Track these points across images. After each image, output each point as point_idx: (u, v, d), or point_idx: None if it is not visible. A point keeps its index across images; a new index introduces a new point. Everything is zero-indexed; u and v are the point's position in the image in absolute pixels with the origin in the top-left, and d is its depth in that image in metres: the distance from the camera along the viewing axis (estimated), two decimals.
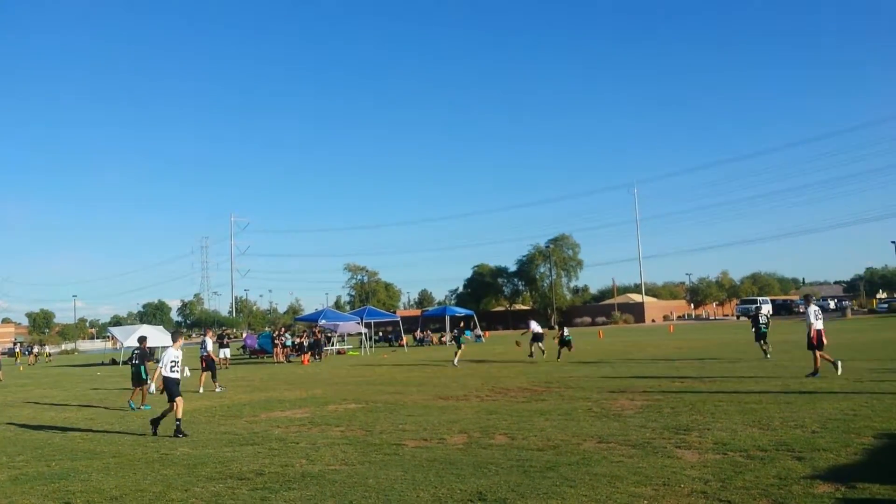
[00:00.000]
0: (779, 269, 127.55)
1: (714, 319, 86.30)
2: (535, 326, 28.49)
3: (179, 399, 11.67)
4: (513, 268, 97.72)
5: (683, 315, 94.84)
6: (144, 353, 17.15)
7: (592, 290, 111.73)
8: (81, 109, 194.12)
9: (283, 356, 35.68)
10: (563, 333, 27.09)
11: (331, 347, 40.72)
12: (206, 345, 20.83)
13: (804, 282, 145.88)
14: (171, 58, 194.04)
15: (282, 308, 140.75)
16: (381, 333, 59.29)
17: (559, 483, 7.03)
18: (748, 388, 14.08)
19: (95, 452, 10.35)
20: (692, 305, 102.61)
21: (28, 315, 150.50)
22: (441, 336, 52.48)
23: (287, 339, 38.25)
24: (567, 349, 26.66)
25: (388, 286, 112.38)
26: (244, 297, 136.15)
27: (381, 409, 13.68)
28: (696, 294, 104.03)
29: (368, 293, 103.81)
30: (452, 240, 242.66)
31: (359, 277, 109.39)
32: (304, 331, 43.68)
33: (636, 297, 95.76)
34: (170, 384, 11.74)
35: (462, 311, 54.60)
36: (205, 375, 20.01)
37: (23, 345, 77.15)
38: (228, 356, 33.35)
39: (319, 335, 36.92)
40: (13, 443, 11.77)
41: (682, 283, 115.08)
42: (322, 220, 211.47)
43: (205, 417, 13.84)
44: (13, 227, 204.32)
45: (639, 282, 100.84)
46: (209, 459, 9.26)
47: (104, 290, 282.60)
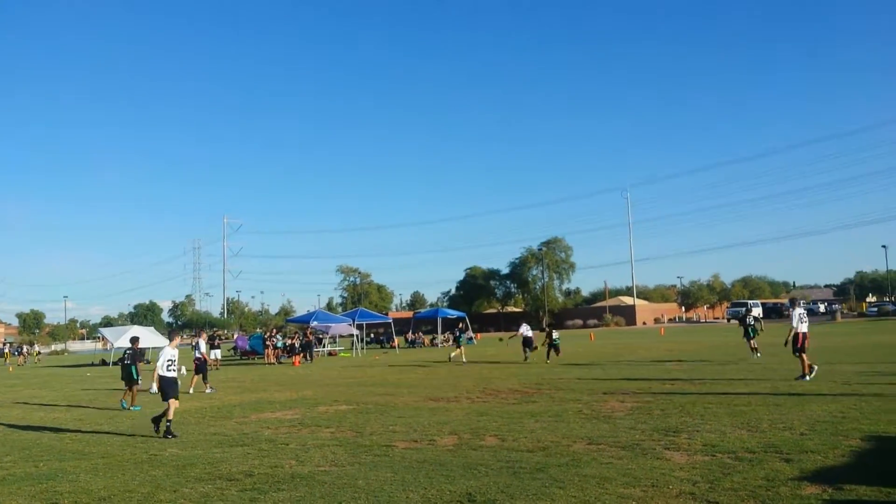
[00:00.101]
0: (769, 273, 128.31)
1: (705, 322, 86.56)
2: (526, 330, 28.42)
3: (173, 400, 11.63)
4: (505, 270, 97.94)
5: (674, 318, 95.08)
6: (136, 354, 17.11)
7: (584, 293, 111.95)
8: (77, 108, 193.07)
9: (275, 357, 35.61)
10: (553, 337, 26.98)
11: (322, 349, 40.67)
12: (200, 346, 20.78)
13: (795, 285, 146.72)
14: (171, 57, 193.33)
15: (273, 309, 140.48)
16: (373, 335, 59.24)
17: (549, 484, 7.05)
18: (737, 391, 14.14)
19: (84, 453, 10.31)
20: (683, 308, 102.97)
21: (18, 315, 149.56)
22: (433, 338, 52.47)
23: (278, 341, 38.18)
24: (554, 353, 26.58)
25: (381, 288, 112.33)
26: (236, 299, 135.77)
27: (372, 411, 13.68)
28: (687, 297, 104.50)
29: (361, 295, 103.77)
30: (445, 242, 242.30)
31: (351, 279, 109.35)
32: (296, 332, 43.61)
33: (627, 300, 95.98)
34: (165, 384, 11.71)
35: (454, 313, 54.57)
36: (196, 378, 19.96)
37: (12, 345, 76.76)
38: (219, 357, 33.26)
39: (311, 336, 36.85)
40: (1, 443, 11.70)
41: (674, 286, 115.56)
42: (315, 222, 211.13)
43: (195, 418, 13.80)
44: (6, 227, 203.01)
45: (630, 284, 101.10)
46: (198, 460, 9.23)
47: (95, 291, 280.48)
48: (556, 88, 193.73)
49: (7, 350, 61.83)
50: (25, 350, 65.36)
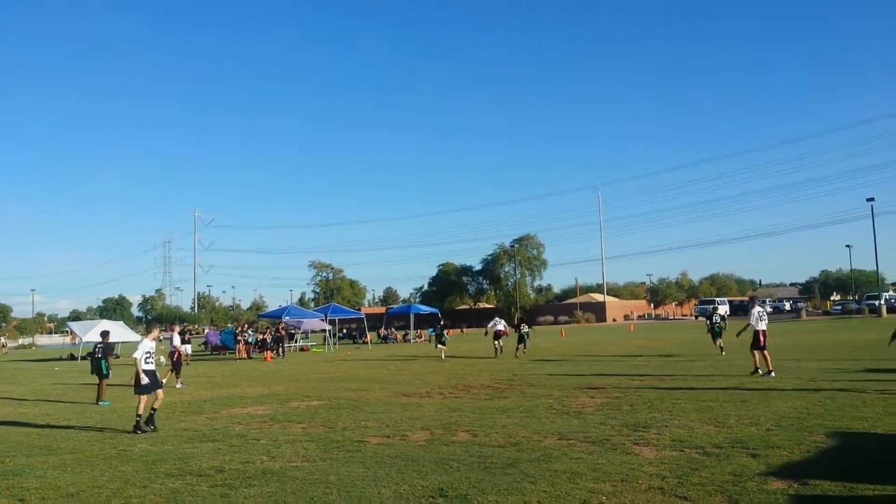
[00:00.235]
0: (737, 271, 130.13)
1: (673, 319, 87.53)
2: (497, 323, 28.38)
3: (145, 397, 11.51)
4: (478, 267, 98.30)
5: (643, 315, 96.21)
6: (107, 348, 16.94)
7: (556, 290, 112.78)
8: (67, 107, 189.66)
9: (246, 352, 35.34)
10: (521, 329, 27.18)
11: (294, 344, 40.44)
12: (174, 339, 20.58)
13: (761, 283, 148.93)
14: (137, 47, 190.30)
15: (245, 304, 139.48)
16: (346, 330, 59.06)
17: (520, 479, 7.11)
18: (704, 387, 14.34)
19: (52, 448, 10.17)
20: (652, 305, 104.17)
21: None
22: (405, 334, 52.46)
23: (250, 336, 37.88)
24: (522, 346, 26.69)
25: (353, 283, 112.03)
26: (207, 294, 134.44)
27: (344, 406, 13.66)
28: (656, 294, 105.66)
29: (333, 290, 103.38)
30: (418, 238, 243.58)
31: (323, 274, 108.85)
32: (267, 327, 43.32)
33: (598, 297, 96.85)
34: (138, 377, 11.57)
35: (427, 309, 54.62)
36: (170, 373, 19.75)
37: None
38: (190, 352, 32.91)
39: (283, 332, 36.62)
40: None
41: (643, 284, 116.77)
42: (287, 217, 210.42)
43: (165, 413, 13.64)
44: None
45: (601, 282, 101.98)
46: (168, 456, 9.16)
47: (63, 285, 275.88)
48: (545, 88, 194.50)
49: None
50: None
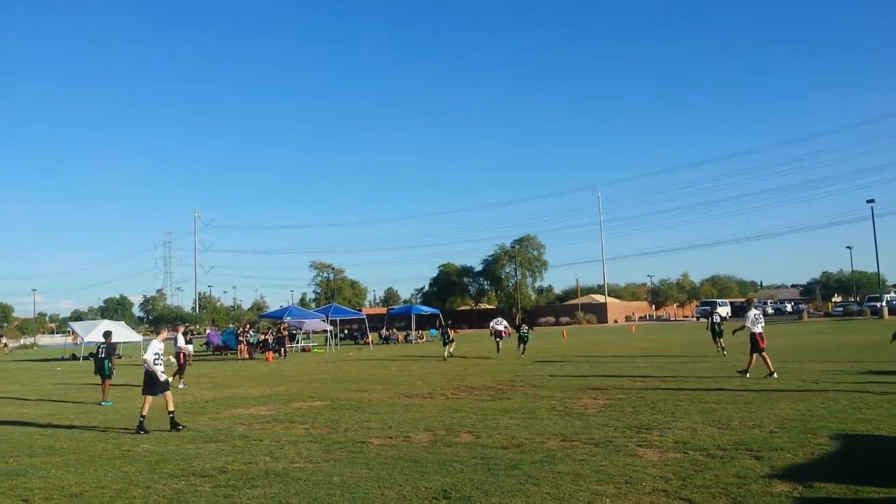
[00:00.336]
0: (738, 272, 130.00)
1: (674, 320, 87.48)
2: (497, 323, 28.83)
3: (151, 398, 11.54)
4: (478, 267, 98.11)
5: (645, 316, 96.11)
6: (110, 348, 16.97)
7: (557, 291, 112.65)
8: (67, 107, 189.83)
9: (248, 353, 35.34)
10: (522, 329, 27.76)
11: (295, 345, 40.45)
12: (178, 340, 20.57)
13: (762, 284, 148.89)
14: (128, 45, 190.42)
15: (246, 305, 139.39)
16: (347, 331, 59.07)
17: (523, 481, 7.10)
18: (708, 388, 14.32)
19: (55, 448, 10.18)
20: (653, 306, 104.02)
21: None
22: (407, 334, 52.46)
23: (251, 336, 37.89)
24: (523, 346, 27.16)
25: (354, 284, 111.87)
26: (208, 294, 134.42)
27: (346, 407, 13.65)
28: (658, 295, 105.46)
29: (334, 291, 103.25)
30: (419, 239, 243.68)
31: (324, 275, 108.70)
32: (269, 328, 43.33)
33: (599, 298, 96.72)
34: (151, 378, 11.59)
35: (428, 310, 54.62)
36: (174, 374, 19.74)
37: None
38: (192, 352, 32.92)
39: (285, 332, 36.62)
40: None
41: (644, 285, 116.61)
42: (287, 218, 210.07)
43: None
44: None
45: (602, 283, 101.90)
46: (171, 456, 9.16)
47: (64, 285, 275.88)
48: (545, 88, 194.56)
49: None
50: None
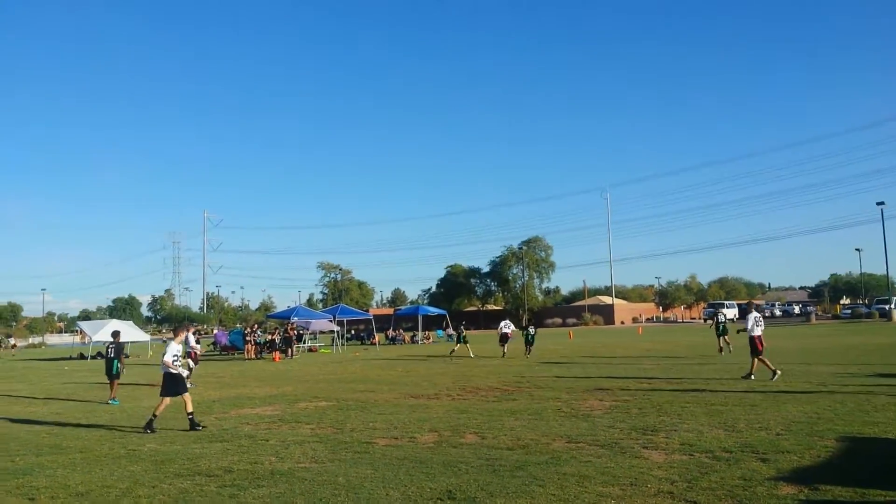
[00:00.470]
0: (745, 274, 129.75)
1: (682, 322, 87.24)
2: (505, 326, 29.39)
3: (169, 399, 11.59)
4: (486, 268, 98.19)
5: (652, 318, 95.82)
6: (119, 348, 17.04)
7: (563, 292, 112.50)
8: (68, 107, 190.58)
9: (255, 353, 35.42)
10: (529, 330, 28.57)
11: (302, 345, 40.52)
12: (189, 340, 20.64)
13: (770, 286, 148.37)
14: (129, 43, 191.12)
15: (253, 305, 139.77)
16: (354, 332, 59.11)
17: (528, 482, 7.09)
18: (713, 390, 14.28)
19: (61, 447, 10.22)
20: (660, 308, 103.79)
21: None
22: (413, 335, 52.48)
23: (259, 336, 37.96)
24: (529, 347, 27.83)
25: (362, 284, 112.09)
26: (215, 294, 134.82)
27: (352, 408, 13.67)
28: (665, 297, 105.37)
29: (341, 291, 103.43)
30: (426, 240, 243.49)
31: (332, 275, 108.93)
32: (276, 328, 43.42)
33: (606, 300, 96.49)
34: (171, 379, 11.64)
35: (435, 311, 54.63)
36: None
37: None
38: (199, 352, 32.99)
39: (292, 332, 36.68)
40: None
41: (651, 286, 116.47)
42: (296, 219, 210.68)
43: (172, 413, 13.66)
44: None
45: (609, 284, 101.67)
46: (177, 456, 9.19)
47: (73, 285, 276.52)
48: (545, 88, 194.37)
49: None
50: (2, 344, 64.47)
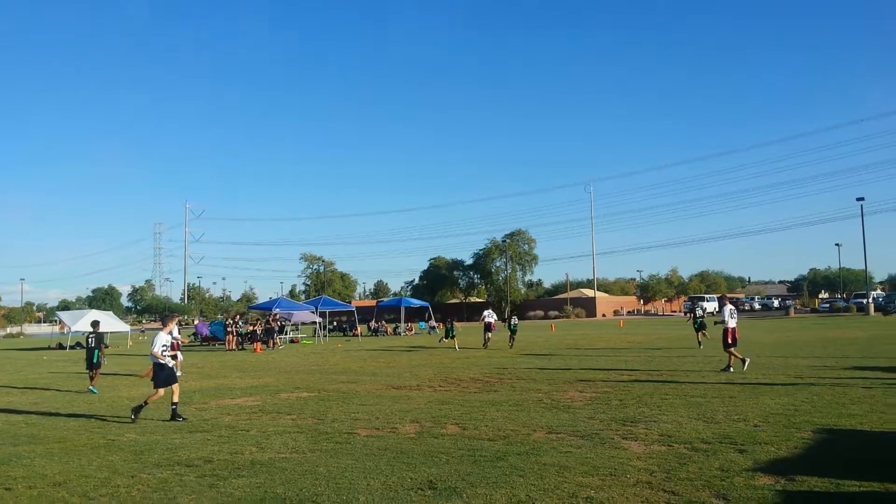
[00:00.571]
0: (726, 268, 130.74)
1: (662, 315, 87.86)
2: (488, 316, 30.44)
3: (163, 389, 11.50)
4: (469, 261, 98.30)
5: (633, 310, 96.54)
6: (100, 337, 16.90)
7: (546, 285, 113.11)
8: (47, 97, 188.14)
9: (236, 344, 35.27)
10: (511, 322, 29.80)
11: (284, 336, 40.42)
12: (173, 332, 20.45)
13: (750, 280, 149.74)
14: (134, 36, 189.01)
15: (235, 296, 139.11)
16: (336, 323, 59.04)
17: (509, 472, 7.12)
18: (693, 382, 14.40)
19: (39, 437, 10.13)
20: (642, 301, 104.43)
21: None
22: (396, 327, 52.48)
23: (240, 327, 37.80)
24: (512, 337, 28.87)
25: (344, 276, 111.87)
26: (197, 285, 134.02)
27: (334, 398, 13.65)
28: (646, 290, 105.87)
29: (324, 283, 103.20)
30: (409, 232, 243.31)
31: (315, 267, 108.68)
32: (258, 319, 43.25)
33: (588, 292, 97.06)
34: (158, 370, 11.56)
35: (417, 303, 54.66)
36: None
37: None
38: (181, 342, 32.79)
39: (273, 323, 36.54)
40: None
41: (633, 280, 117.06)
42: (279, 210, 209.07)
43: (153, 403, 13.59)
44: None
45: (591, 277, 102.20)
46: (156, 446, 9.14)
47: (52, 274, 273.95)
48: (530, 82, 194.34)
49: None
50: None
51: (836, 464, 7.10)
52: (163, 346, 11.63)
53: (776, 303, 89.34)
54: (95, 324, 17.40)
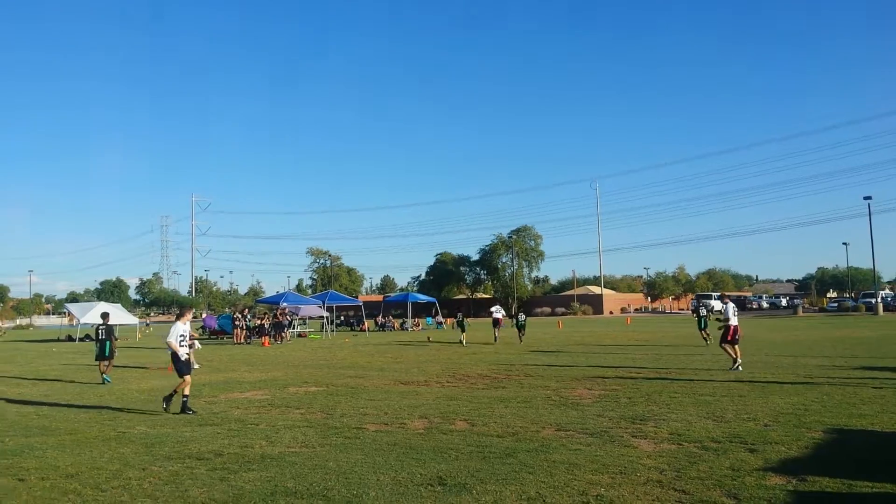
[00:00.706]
0: (734, 266, 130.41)
1: (670, 313, 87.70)
2: (496, 311, 30.94)
3: (189, 377, 11.62)
4: (475, 257, 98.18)
5: (640, 308, 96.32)
6: (110, 329, 17.00)
7: (553, 281, 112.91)
8: (55, 91, 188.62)
9: (244, 337, 35.37)
10: (519, 318, 30.24)
11: (292, 330, 40.51)
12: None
13: (758, 279, 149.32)
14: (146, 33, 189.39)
15: (243, 290, 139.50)
16: (343, 318, 59.17)
17: (518, 469, 7.13)
18: (702, 380, 14.37)
19: (50, 429, 10.19)
20: (649, 299, 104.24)
21: None
22: (403, 322, 52.54)
23: (248, 321, 37.87)
24: (521, 333, 29.29)
25: (351, 271, 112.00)
26: (204, 278, 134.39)
27: (342, 393, 13.68)
28: (653, 288, 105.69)
29: (331, 277, 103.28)
30: (416, 227, 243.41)
31: (322, 261, 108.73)
32: (265, 313, 43.36)
33: (595, 289, 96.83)
34: (178, 360, 11.64)
35: (424, 298, 54.69)
36: None
37: None
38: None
39: (281, 317, 36.61)
40: None
41: (640, 277, 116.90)
42: (286, 204, 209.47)
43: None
44: None
45: (598, 274, 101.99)
46: (167, 439, 9.18)
47: (61, 267, 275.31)
48: (536, 79, 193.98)
49: None
50: None
51: (848, 464, 7.08)
52: (180, 336, 11.71)
53: (784, 301, 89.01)
54: (105, 315, 17.53)
